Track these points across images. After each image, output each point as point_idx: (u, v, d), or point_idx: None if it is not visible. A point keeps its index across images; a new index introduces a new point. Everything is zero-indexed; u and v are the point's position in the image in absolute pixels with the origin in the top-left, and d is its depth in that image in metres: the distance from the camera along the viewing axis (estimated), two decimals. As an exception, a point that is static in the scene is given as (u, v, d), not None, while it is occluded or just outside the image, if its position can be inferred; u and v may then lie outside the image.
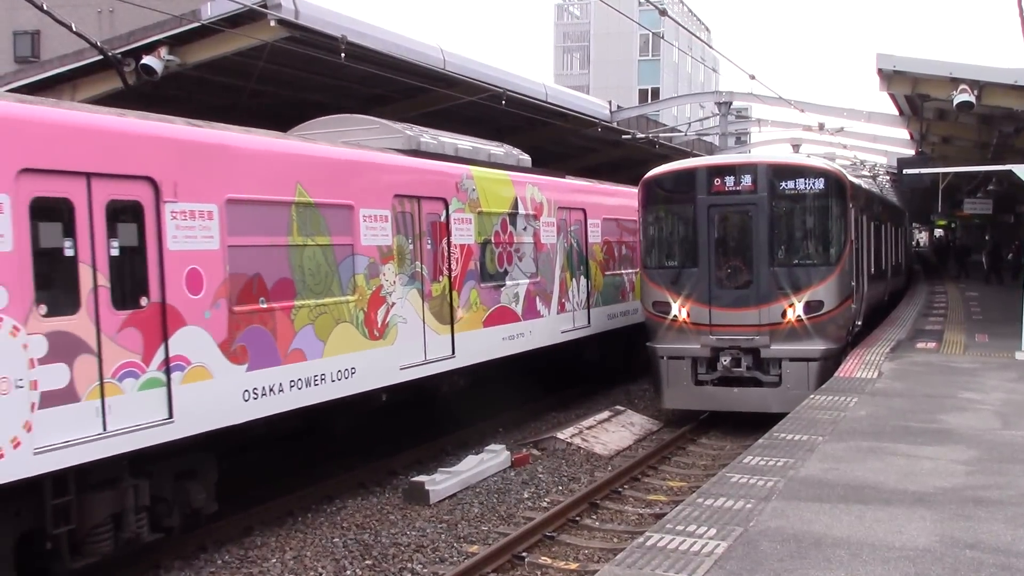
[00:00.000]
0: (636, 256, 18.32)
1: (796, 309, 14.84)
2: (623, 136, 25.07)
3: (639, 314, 18.06)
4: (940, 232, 60.87)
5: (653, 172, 16.18)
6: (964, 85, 16.53)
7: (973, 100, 16.44)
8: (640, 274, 16.61)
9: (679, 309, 15.46)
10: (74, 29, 11.67)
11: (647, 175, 16.22)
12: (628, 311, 19.63)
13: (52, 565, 8.08)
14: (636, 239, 17.76)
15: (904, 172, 20.85)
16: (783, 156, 20.53)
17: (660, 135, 27.37)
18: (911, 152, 27.47)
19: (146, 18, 14.36)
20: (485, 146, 15.51)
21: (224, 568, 9.54)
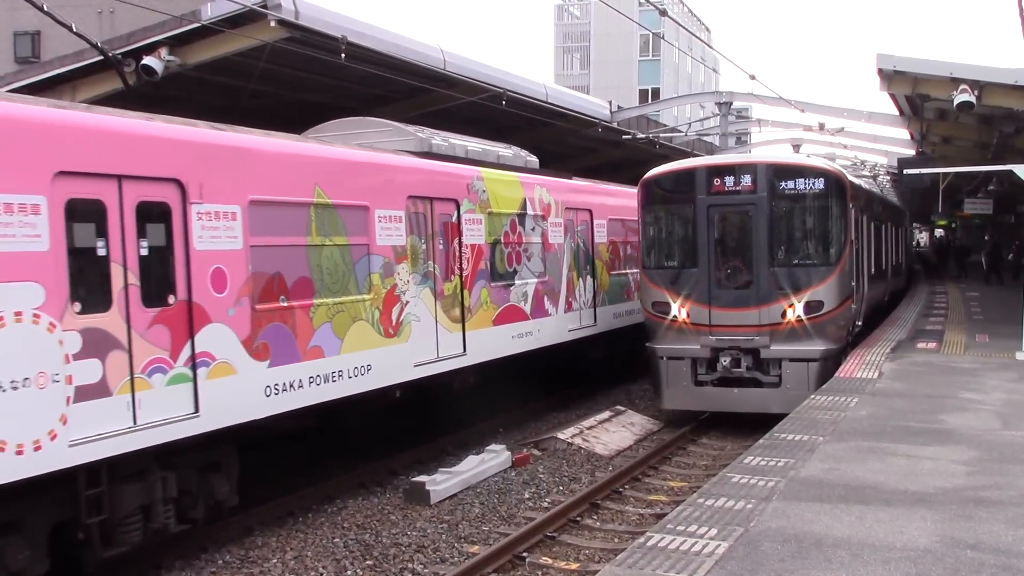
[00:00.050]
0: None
1: (796, 309, 14.83)
2: (623, 136, 25.06)
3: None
4: (940, 232, 60.81)
5: (653, 172, 16.18)
6: (964, 85, 16.52)
7: (973, 100, 16.44)
8: (640, 274, 16.62)
9: (679, 309, 15.46)
10: (74, 30, 11.66)
11: (647, 175, 16.21)
12: (633, 310, 19.71)
13: (83, 555, 8.27)
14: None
15: (904, 172, 20.88)
16: (783, 156, 20.50)
17: (660, 135, 27.37)
18: (911, 152, 27.48)
19: (146, 18, 14.37)
20: (494, 148, 15.66)
21: (225, 568, 9.55)
